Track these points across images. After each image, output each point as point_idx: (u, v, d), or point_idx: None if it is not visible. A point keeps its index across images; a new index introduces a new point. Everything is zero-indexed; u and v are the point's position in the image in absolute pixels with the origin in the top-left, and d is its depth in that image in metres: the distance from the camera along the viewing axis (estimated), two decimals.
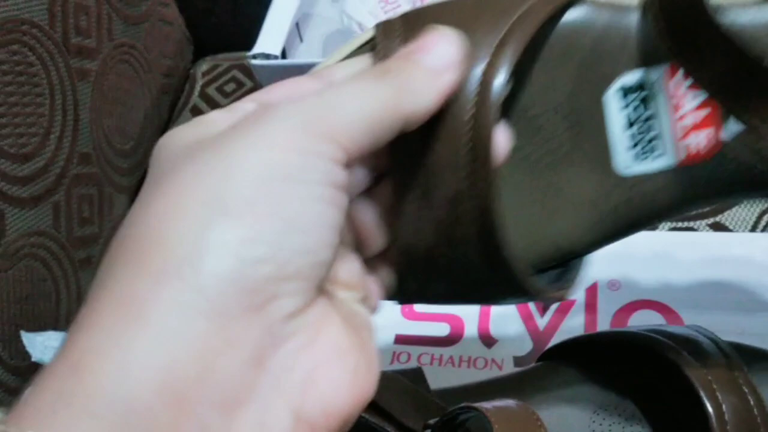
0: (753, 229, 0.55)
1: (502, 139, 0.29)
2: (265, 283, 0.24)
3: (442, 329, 0.52)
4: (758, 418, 0.34)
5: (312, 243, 0.26)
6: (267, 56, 0.62)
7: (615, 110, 0.31)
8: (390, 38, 0.30)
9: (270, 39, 0.63)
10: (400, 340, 0.52)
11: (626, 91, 0.31)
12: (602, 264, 0.46)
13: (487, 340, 0.51)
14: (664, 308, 0.49)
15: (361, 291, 0.30)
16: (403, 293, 0.32)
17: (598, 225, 0.33)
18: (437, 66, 0.28)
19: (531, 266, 0.33)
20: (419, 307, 0.53)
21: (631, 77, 0.31)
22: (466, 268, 0.30)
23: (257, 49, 0.62)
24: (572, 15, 0.31)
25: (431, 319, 0.52)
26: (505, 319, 0.51)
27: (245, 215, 0.25)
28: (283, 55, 0.63)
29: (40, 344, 0.45)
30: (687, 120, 0.31)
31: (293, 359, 0.25)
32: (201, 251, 0.24)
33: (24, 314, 0.47)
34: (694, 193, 0.32)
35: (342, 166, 0.27)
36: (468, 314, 0.52)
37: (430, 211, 0.30)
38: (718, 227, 0.55)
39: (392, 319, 0.53)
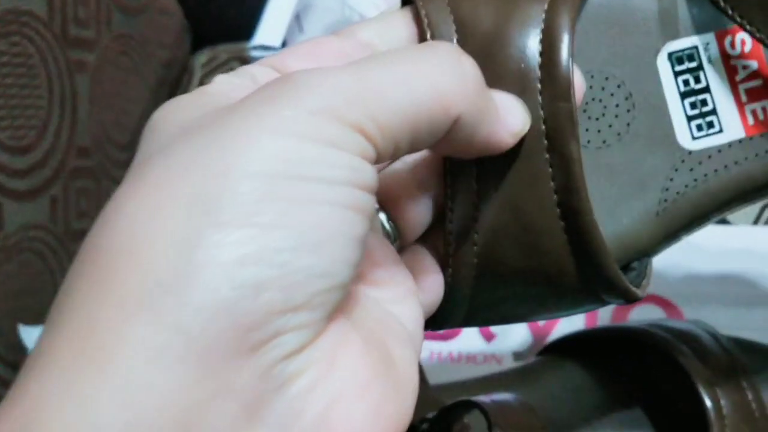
0: (755, 222, 0.54)
1: (578, 78, 0.26)
2: (265, 316, 0.19)
3: None
4: (756, 413, 0.34)
5: (328, 263, 0.20)
6: (267, 48, 0.62)
7: (668, 77, 0.29)
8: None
9: (270, 30, 0.63)
10: None
11: (678, 59, 0.29)
12: None
13: (486, 334, 0.51)
14: (665, 302, 0.49)
15: (398, 287, 0.25)
16: (452, 296, 0.28)
17: (665, 214, 0.29)
18: (506, 122, 0.25)
19: None
20: None
21: (679, 43, 0.29)
22: (541, 256, 0.26)
23: (257, 40, 0.62)
24: None
25: None
26: None
27: (245, 225, 0.19)
28: (284, 47, 0.63)
29: (37, 338, 0.45)
30: (749, 83, 0.29)
31: (300, 402, 0.20)
32: (184, 274, 0.19)
33: (21, 308, 0.47)
34: None
35: (371, 163, 0.21)
36: None
37: (495, 177, 0.26)
38: (719, 220, 0.55)
39: None
